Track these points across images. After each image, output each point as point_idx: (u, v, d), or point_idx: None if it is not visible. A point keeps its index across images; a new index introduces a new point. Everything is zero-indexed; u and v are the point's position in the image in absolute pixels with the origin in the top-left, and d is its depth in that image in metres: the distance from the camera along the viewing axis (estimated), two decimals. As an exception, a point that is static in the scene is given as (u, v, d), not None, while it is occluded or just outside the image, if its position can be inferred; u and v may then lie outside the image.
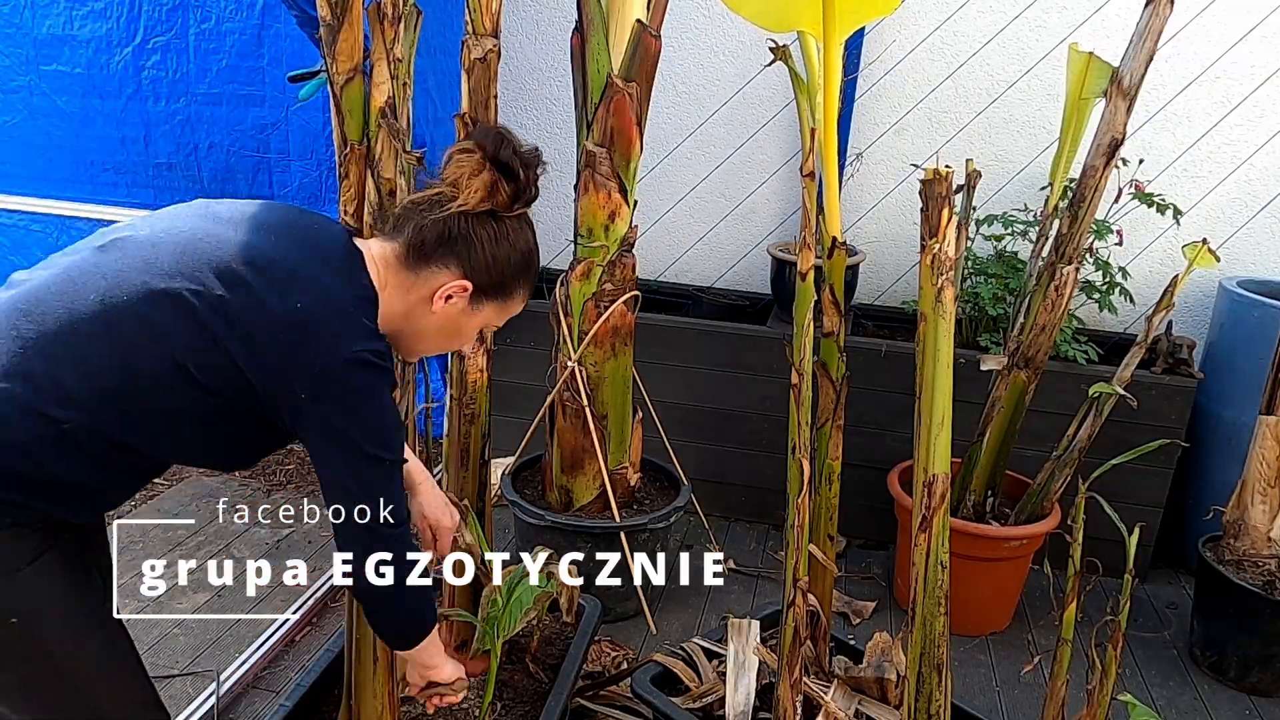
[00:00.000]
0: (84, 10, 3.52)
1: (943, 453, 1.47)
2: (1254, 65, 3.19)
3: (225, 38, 3.42)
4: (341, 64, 1.46)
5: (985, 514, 2.81)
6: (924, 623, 1.57)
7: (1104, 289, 3.11)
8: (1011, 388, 2.68)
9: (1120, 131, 2.43)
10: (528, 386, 3.15)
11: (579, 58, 2.48)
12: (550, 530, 2.64)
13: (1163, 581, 3.20)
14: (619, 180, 2.52)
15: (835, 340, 1.81)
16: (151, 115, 3.59)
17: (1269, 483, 2.64)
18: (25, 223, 3.90)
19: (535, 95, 3.79)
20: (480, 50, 1.67)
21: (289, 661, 2.54)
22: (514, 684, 2.05)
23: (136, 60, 3.53)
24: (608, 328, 2.63)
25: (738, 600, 2.97)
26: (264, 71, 3.43)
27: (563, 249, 3.88)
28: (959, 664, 2.71)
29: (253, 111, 3.48)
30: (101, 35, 3.53)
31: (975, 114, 3.44)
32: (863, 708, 1.96)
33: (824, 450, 1.86)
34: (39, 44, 3.60)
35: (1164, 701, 2.61)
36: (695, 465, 3.10)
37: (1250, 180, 3.29)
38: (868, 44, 3.41)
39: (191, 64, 3.49)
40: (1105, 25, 3.23)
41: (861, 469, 2.95)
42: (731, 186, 3.73)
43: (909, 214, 3.57)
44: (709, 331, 3.28)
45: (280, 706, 1.82)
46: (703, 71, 3.63)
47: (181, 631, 2.60)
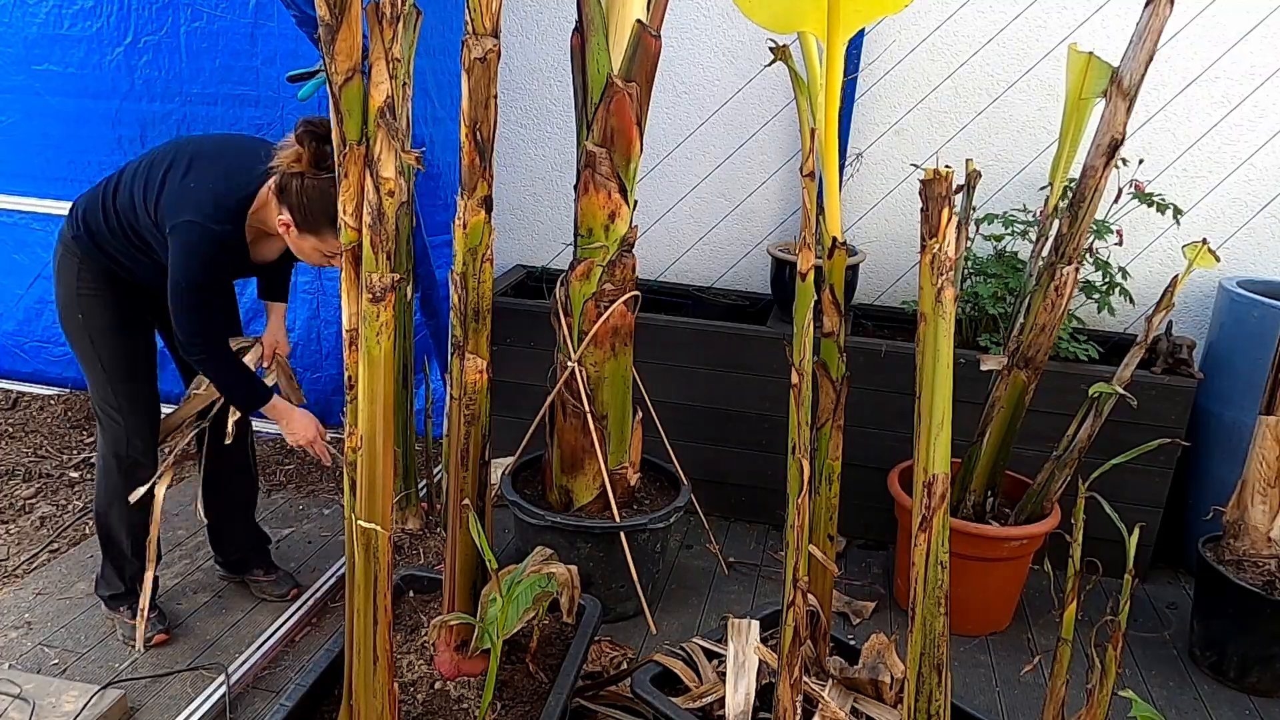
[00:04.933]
0: (73, 9, 3.52)
1: (943, 453, 1.47)
2: (1254, 65, 3.19)
3: (218, 37, 3.42)
4: (340, 64, 1.45)
5: (985, 514, 2.81)
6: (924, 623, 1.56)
7: (1104, 289, 3.11)
8: (1011, 388, 2.68)
9: (1120, 131, 2.43)
10: (528, 386, 3.16)
11: (579, 58, 2.48)
12: (550, 530, 2.64)
13: (1163, 581, 3.20)
14: (619, 180, 2.52)
15: (835, 340, 1.81)
16: (146, 115, 3.60)
17: (1269, 483, 2.64)
18: (26, 221, 3.90)
19: (535, 95, 3.80)
20: (480, 50, 1.67)
21: (289, 662, 2.54)
22: (514, 684, 2.05)
23: (129, 59, 3.53)
24: (608, 328, 2.63)
25: (738, 600, 2.97)
26: (258, 71, 3.43)
27: (562, 249, 3.88)
28: (959, 664, 2.71)
29: (248, 111, 3.48)
30: (93, 34, 3.53)
31: (975, 114, 3.44)
32: (861, 706, 1.96)
33: (824, 450, 1.85)
34: (29, 43, 3.60)
35: (1164, 701, 2.61)
36: (695, 465, 3.10)
37: (1250, 180, 3.29)
38: (868, 44, 3.41)
39: (184, 63, 3.49)
40: (1105, 25, 3.24)
41: (861, 469, 2.95)
42: (731, 186, 3.73)
43: (909, 214, 3.57)
44: (709, 331, 3.28)
45: (280, 706, 1.82)
46: (703, 71, 3.63)
47: (182, 631, 2.60)
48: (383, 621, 1.66)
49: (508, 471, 2.87)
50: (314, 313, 3.73)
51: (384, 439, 1.55)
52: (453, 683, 2.02)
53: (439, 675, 2.04)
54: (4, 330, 4.09)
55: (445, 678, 2.03)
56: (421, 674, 2.04)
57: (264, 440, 3.77)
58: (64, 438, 3.72)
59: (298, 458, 3.63)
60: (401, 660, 2.07)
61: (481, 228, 1.79)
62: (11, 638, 2.54)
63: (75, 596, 2.73)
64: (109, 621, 2.60)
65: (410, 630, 2.18)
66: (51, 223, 3.87)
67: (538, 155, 3.88)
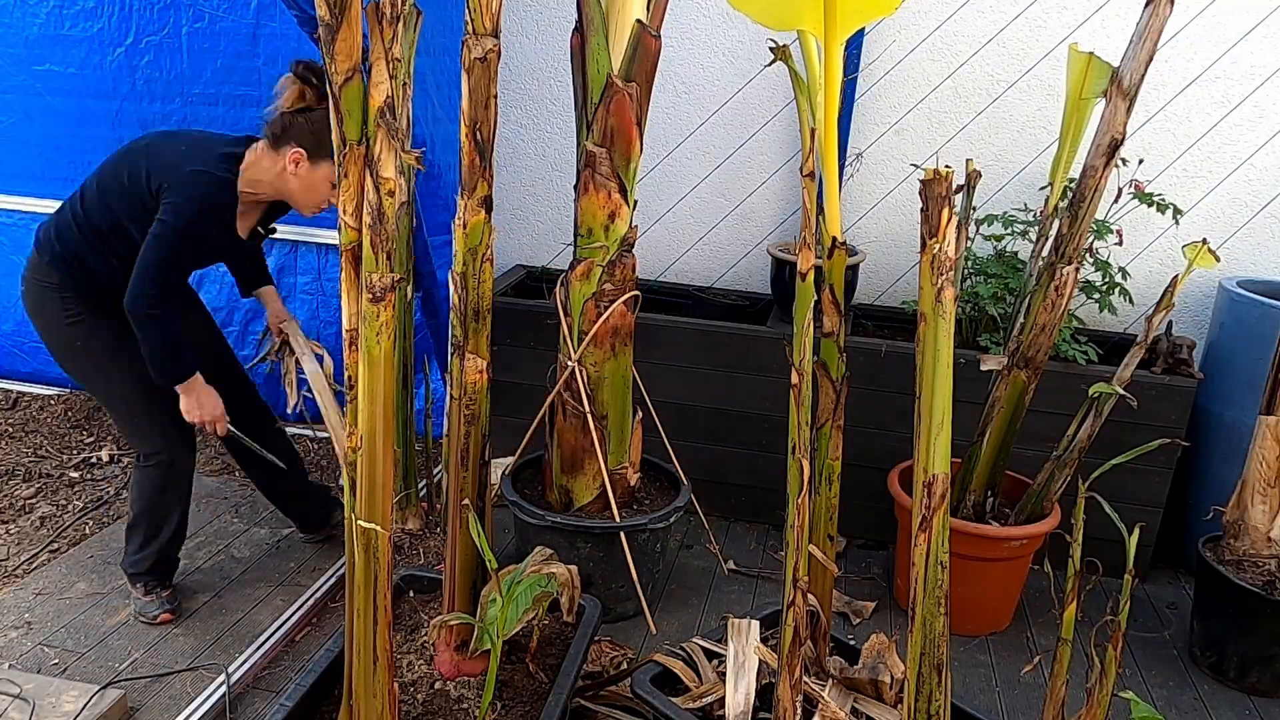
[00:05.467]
0: (75, 9, 3.51)
1: (943, 453, 1.47)
2: (1254, 65, 3.19)
3: (219, 38, 3.42)
4: (340, 64, 1.45)
5: (985, 514, 2.81)
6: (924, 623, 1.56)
7: (1104, 289, 3.11)
8: (1011, 388, 2.68)
9: (1120, 131, 2.43)
10: (528, 386, 3.16)
11: (579, 58, 2.48)
12: (550, 530, 2.64)
13: (1163, 581, 3.20)
14: (619, 180, 2.52)
15: (835, 340, 1.81)
16: (148, 116, 3.59)
17: (1269, 483, 2.64)
18: (26, 222, 3.90)
19: (535, 95, 3.80)
20: (480, 50, 1.67)
21: (289, 661, 2.54)
22: (514, 684, 2.05)
23: (130, 60, 3.52)
24: (608, 328, 2.63)
25: (738, 600, 2.97)
26: (260, 72, 3.42)
27: (563, 249, 3.88)
28: (959, 664, 2.71)
29: (249, 112, 3.48)
30: (93, 34, 3.53)
31: (975, 114, 3.44)
32: (861, 706, 1.96)
33: (824, 450, 1.85)
34: (30, 44, 3.60)
35: (1164, 701, 2.61)
36: (695, 465, 3.10)
37: (1250, 180, 3.29)
38: (868, 44, 3.41)
39: (185, 64, 3.48)
40: (1105, 25, 3.24)
41: (861, 469, 2.95)
42: (731, 186, 3.73)
43: (909, 214, 3.57)
44: (709, 331, 3.28)
45: (280, 706, 1.82)
46: (703, 71, 3.63)
47: (182, 631, 2.60)
48: (383, 621, 1.66)
49: (508, 471, 2.87)
50: (314, 313, 3.73)
51: (384, 439, 1.55)
52: (453, 683, 2.02)
53: (439, 675, 2.04)
54: (4, 330, 4.09)
55: (445, 678, 2.03)
56: (422, 674, 2.05)
57: (264, 440, 3.78)
58: (64, 438, 3.72)
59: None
60: (401, 660, 2.07)
61: (481, 228, 1.80)
62: (11, 637, 2.54)
63: (75, 596, 2.73)
64: (125, 605, 2.65)
65: (410, 630, 2.18)
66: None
67: (538, 155, 3.88)
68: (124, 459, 3.58)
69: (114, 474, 3.48)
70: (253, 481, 2.93)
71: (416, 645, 2.12)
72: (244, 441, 2.67)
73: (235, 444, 2.69)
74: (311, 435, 3.81)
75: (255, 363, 2.93)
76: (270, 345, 2.81)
